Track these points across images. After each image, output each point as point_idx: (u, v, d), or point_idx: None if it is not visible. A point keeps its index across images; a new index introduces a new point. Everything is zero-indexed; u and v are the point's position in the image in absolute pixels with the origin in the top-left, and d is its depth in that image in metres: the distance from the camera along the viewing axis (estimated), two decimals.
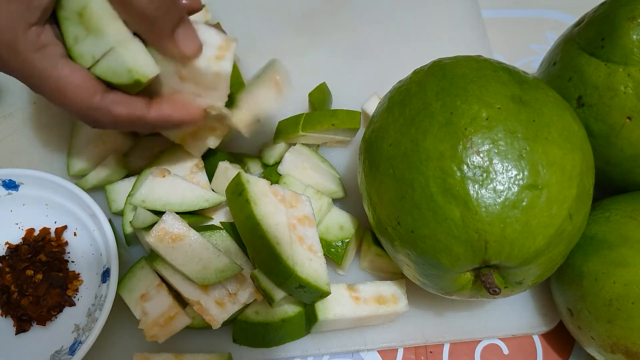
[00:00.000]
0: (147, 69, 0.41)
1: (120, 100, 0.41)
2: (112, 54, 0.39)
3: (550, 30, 0.73)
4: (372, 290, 0.49)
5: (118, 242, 0.49)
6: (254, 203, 0.44)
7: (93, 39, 0.39)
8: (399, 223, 0.41)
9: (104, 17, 0.39)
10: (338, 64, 0.66)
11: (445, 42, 0.68)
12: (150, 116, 0.42)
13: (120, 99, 0.41)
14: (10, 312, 0.49)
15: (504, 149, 0.38)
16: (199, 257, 0.45)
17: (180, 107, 0.44)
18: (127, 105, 0.41)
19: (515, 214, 0.37)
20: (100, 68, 0.40)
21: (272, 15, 0.69)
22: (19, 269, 0.49)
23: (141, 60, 0.40)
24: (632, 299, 0.41)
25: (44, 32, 0.39)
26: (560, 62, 0.50)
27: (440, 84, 0.42)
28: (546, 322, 0.52)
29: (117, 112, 0.41)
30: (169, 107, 0.43)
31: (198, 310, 0.45)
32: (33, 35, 0.38)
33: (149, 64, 0.41)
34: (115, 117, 0.41)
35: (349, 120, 0.55)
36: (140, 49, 0.41)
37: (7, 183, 0.51)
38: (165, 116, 0.43)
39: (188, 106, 0.44)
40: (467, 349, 0.52)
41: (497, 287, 0.39)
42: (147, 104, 0.42)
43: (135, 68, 0.40)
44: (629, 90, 0.44)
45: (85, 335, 0.46)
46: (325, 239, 0.51)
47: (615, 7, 0.46)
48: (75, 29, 0.39)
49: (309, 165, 0.55)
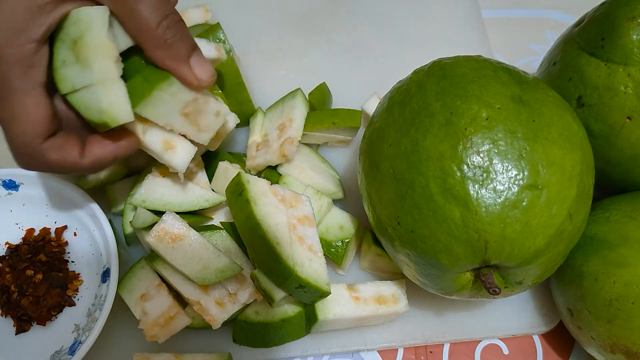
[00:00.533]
0: (120, 114, 0.39)
1: (55, 146, 0.39)
2: (91, 89, 0.38)
3: (550, 30, 0.73)
4: (372, 290, 0.49)
5: (118, 242, 0.49)
6: (254, 203, 0.44)
7: (79, 69, 0.38)
8: (399, 223, 0.41)
9: (96, 52, 0.38)
10: (338, 64, 0.66)
11: (445, 42, 0.68)
12: (83, 163, 0.41)
13: (56, 144, 0.39)
14: (10, 312, 0.49)
15: (504, 149, 0.38)
16: (199, 257, 0.45)
17: (110, 145, 0.41)
18: (61, 152, 0.39)
19: (515, 214, 0.37)
20: (75, 98, 0.39)
21: (272, 15, 0.69)
22: (19, 269, 0.49)
23: (117, 104, 0.39)
24: (632, 299, 0.41)
25: (38, 53, 0.37)
26: (560, 62, 0.50)
27: (440, 84, 0.42)
28: (546, 322, 0.52)
29: (49, 157, 0.39)
30: (98, 149, 0.41)
31: (198, 310, 0.45)
32: (28, 51, 0.37)
33: (123, 111, 0.39)
34: (48, 163, 0.39)
35: (350, 119, 0.55)
36: (121, 93, 0.39)
37: (7, 183, 0.51)
38: (98, 159, 0.41)
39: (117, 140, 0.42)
40: (467, 349, 0.52)
41: (497, 287, 0.39)
42: (80, 150, 0.41)
43: (108, 110, 0.39)
44: (629, 90, 0.44)
45: (85, 335, 0.46)
46: (325, 239, 0.51)
47: (615, 7, 0.46)
48: (65, 53, 0.38)
49: (308, 166, 0.55)
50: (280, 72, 0.65)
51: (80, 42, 0.38)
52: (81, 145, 0.41)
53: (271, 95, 0.60)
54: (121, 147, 0.42)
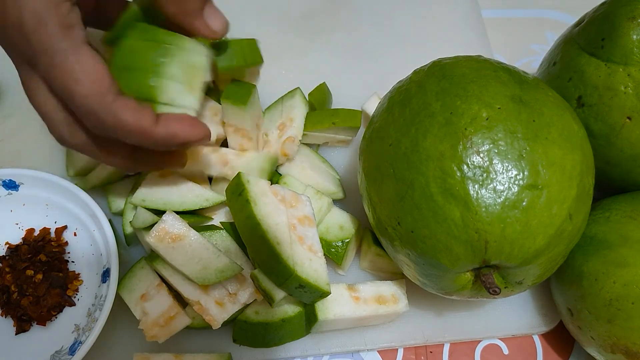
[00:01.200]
0: None
1: (130, 106, 0.38)
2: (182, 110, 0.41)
3: (550, 30, 0.73)
4: (372, 290, 0.49)
5: (118, 242, 0.49)
6: (254, 203, 0.44)
7: (183, 90, 0.41)
8: (399, 223, 0.41)
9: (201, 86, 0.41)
10: (338, 64, 0.66)
11: (445, 42, 0.68)
12: (156, 131, 0.39)
13: (131, 105, 0.38)
14: (10, 312, 0.49)
15: (504, 149, 0.38)
16: (199, 257, 0.45)
17: (187, 125, 0.41)
18: (137, 113, 0.38)
19: (515, 214, 0.37)
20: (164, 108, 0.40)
21: (272, 15, 0.69)
22: (19, 269, 0.49)
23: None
24: (632, 299, 0.41)
25: (73, 11, 0.37)
26: (560, 62, 0.50)
27: (440, 84, 0.42)
28: (546, 322, 0.52)
29: (124, 117, 0.38)
30: (176, 124, 0.40)
31: (198, 310, 0.45)
32: (64, 10, 0.36)
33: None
34: (120, 123, 0.38)
35: (350, 118, 0.55)
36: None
37: (7, 183, 0.51)
38: (171, 133, 0.40)
39: (195, 124, 0.41)
40: (467, 349, 0.52)
41: (497, 287, 0.39)
42: (155, 118, 0.40)
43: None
44: (629, 90, 0.44)
45: (85, 335, 0.46)
46: (325, 239, 0.51)
47: (615, 7, 0.46)
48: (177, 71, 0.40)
49: (308, 166, 0.55)
50: (280, 72, 0.65)
51: (196, 71, 0.41)
52: (155, 116, 0.40)
53: (271, 95, 0.60)
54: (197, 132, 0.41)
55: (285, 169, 0.55)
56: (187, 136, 0.41)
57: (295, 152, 0.54)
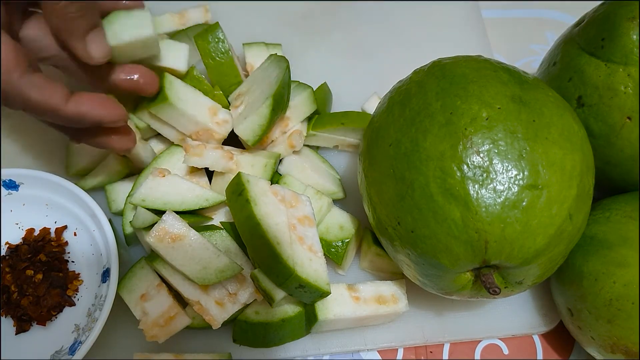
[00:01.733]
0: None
1: (38, 84, 0.39)
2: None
3: (550, 30, 0.73)
4: (372, 290, 0.49)
5: (118, 242, 0.49)
6: (254, 203, 0.44)
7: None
8: (399, 223, 0.41)
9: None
10: (338, 64, 0.66)
11: (445, 42, 0.68)
12: (66, 109, 0.40)
13: (38, 82, 0.39)
14: (10, 312, 0.49)
15: (504, 149, 0.38)
16: (199, 257, 0.45)
17: (99, 104, 0.42)
18: (44, 91, 0.39)
19: (515, 214, 0.37)
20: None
21: (272, 15, 0.69)
22: (19, 269, 0.49)
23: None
24: (632, 299, 0.41)
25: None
26: (560, 62, 0.50)
27: (440, 84, 0.42)
28: (546, 322, 0.52)
29: (30, 94, 0.38)
30: (88, 103, 0.41)
31: (198, 310, 0.45)
32: None
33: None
34: (27, 101, 0.39)
35: (359, 120, 0.55)
36: None
37: (7, 183, 0.51)
38: (83, 112, 0.41)
39: (109, 104, 0.42)
40: (467, 349, 0.52)
41: (497, 287, 0.39)
42: (66, 96, 0.40)
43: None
44: (629, 90, 0.44)
45: (85, 335, 0.46)
46: (325, 239, 0.51)
47: (615, 7, 0.46)
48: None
49: (309, 166, 0.55)
50: None
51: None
52: (67, 94, 0.40)
53: None
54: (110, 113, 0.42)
55: (285, 168, 0.55)
56: (99, 115, 0.42)
57: (301, 144, 0.54)
